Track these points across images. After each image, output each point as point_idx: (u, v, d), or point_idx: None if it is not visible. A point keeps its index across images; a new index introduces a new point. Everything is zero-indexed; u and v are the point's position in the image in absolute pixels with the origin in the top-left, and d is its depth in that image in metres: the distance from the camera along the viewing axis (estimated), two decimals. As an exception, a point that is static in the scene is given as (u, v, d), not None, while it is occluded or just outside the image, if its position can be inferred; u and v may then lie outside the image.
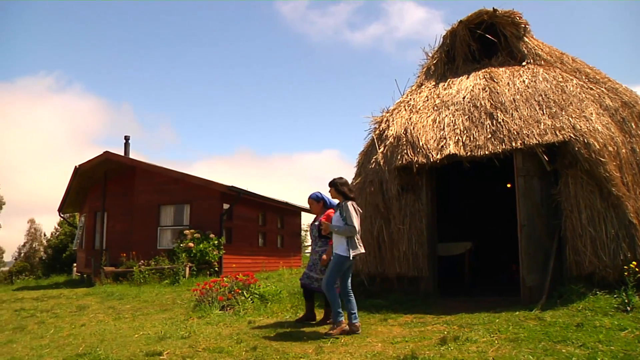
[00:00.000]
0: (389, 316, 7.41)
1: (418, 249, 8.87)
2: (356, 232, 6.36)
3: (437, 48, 11.49)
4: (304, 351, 5.51)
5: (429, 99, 10.24)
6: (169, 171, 17.90)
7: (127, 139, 20.13)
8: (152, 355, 5.63)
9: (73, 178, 19.34)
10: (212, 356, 5.49)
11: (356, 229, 6.33)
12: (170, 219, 17.76)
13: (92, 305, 11.07)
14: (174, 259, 15.30)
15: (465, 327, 6.34)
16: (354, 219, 6.32)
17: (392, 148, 9.40)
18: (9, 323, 9.41)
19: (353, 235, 6.36)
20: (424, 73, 11.34)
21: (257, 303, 8.73)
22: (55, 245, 37.80)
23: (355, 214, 6.39)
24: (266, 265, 19.12)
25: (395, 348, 5.50)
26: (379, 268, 9.13)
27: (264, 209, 20.19)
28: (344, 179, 6.70)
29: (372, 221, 9.30)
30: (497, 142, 8.38)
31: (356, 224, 6.33)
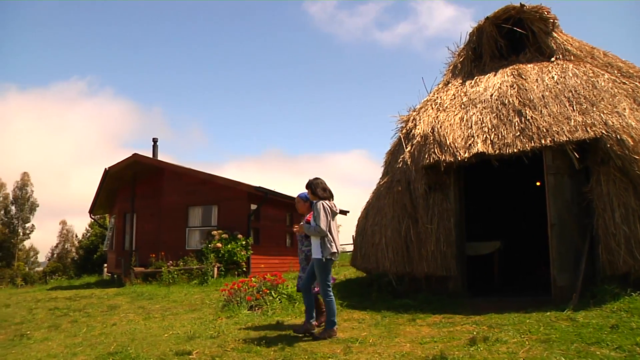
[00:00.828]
0: (417, 316, 7.36)
1: (446, 248, 8.79)
2: (324, 233, 6.22)
3: (464, 45, 11.38)
4: (332, 351, 5.51)
5: (456, 97, 10.14)
6: (197, 172, 18.05)
7: (155, 141, 20.38)
8: (182, 354, 5.69)
9: (103, 180, 19.66)
10: (241, 356, 5.52)
11: (323, 230, 6.20)
12: (198, 219, 17.91)
13: (122, 305, 11.23)
14: (202, 260, 15.43)
15: (495, 328, 6.26)
16: (322, 220, 6.22)
17: (419, 147, 9.33)
18: (44, 321, 9.65)
19: (323, 236, 6.25)
20: (451, 71, 11.24)
21: (285, 303, 8.75)
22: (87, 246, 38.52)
23: (324, 213, 6.28)
24: (293, 266, 19.13)
25: (423, 348, 5.46)
26: (407, 268, 9.07)
27: (291, 209, 20.20)
28: (319, 179, 6.61)
29: (399, 221, 9.25)
30: (526, 140, 8.25)
31: (323, 225, 6.20)
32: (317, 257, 6.30)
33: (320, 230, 6.20)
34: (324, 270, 6.30)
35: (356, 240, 10.93)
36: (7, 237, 60.53)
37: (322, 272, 6.31)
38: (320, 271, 6.32)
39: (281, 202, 18.77)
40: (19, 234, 62.65)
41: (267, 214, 18.19)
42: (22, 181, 64.71)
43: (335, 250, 6.24)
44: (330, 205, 6.42)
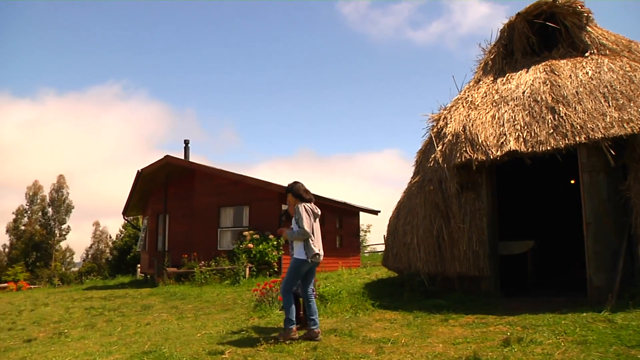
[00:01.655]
0: (450, 316, 7.29)
1: (479, 248, 8.68)
2: (308, 235, 6.24)
3: (495, 42, 11.22)
4: (364, 351, 5.49)
5: (488, 95, 10.01)
6: (228, 173, 18.20)
7: (186, 143, 20.63)
8: (215, 354, 5.74)
9: (136, 182, 19.97)
10: (273, 355, 5.55)
11: (307, 231, 6.22)
12: (229, 220, 18.06)
13: (156, 305, 11.41)
14: (234, 260, 15.56)
15: (529, 329, 6.16)
16: (305, 222, 6.24)
17: (451, 146, 9.24)
18: (80, 320, 9.87)
19: (307, 238, 6.26)
20: (482, 69, 11.10)
21: (317, 303, 8.74)
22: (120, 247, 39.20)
23: (306, 215, 6.31)
24: (325, 266, 19.13)
25: (456, 349, 5.41)
26: (439, 267, 8.99)
27: (322, 210, 20.16)
28: (298, 183, 6.63)
29: (431, 220, 9.18)
30: (560, 137, 8.10)
31: (306, 226, 6.22)
32: (300, 257, 6.31)
33: (304, 233, 6.23)
34: (298, 271, 6.33)
35: (387, 240, 10.88)
36: (45, 238, 62.03)
37: (296, 272, 6.34)
38: (294, 270, 6.34)
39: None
40: (56, 235, 64.13)
41: (298, 214, 18.20)
42: (58, 183, 66.24)
43: (317, 251, 6.29)
44: (312, 207, 6.47)
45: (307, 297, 6.46)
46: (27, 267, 55.02)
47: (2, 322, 10.68)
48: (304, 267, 6.33)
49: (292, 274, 6.36)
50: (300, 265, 6.31)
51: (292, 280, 6.37)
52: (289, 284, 6.37)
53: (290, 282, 6.37)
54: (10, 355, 6.75)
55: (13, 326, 9.94)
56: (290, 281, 6.37)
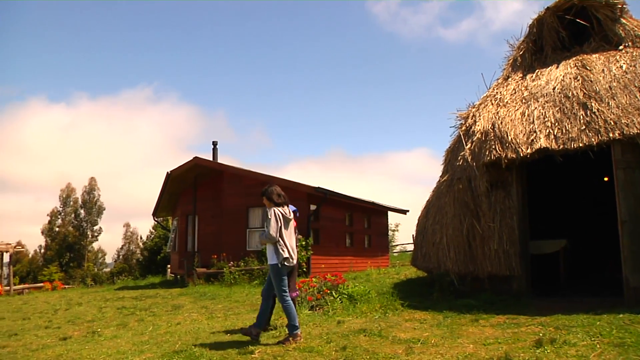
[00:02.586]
0: (480, 316, 7.20)
1: (509, 247, 8.55)
2: (274, 239, 6.33)
3: (523, 38, 11.03)
4: (394, 352, 5.45)
5: (517, 92, 9.86)
6: (256, 174, 18.29)
7: (214, 144, 20.80)
8: (245, 353, 5.76)
9: (165, 183, 20.22)
10: (302, 355, 5.54)
11: (272, 235, 6.30)
12: (258, 221, 18.11)
13: (186, 305, 11.52)
14: (262, 260, 15.60)
15: (562, 329, 6.04)
16: (272, 226, 6.32)
17: (480, 144, 9.13)
18: (113, 320, 10.03)
19: (275, 242, 6.35)
20: (510, 65, 10.93)
21: (346, 303, 8.74)
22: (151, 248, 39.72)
23: (275, 220, 6.38)
24: (354, 266, 19.13)
25: (487, 350, 5.34)
26: (469, 267, 8.89)
27: (351, 210, 20.20)
28: (272, 187, 6.78)
29: (461, 219, 9.08)
30: (592, 134, 7.92)
31: (272, 231, 6.30)
32: (272, 262, 6.43)
33: (270, 237, 6.32)
34: (279, 276, 6.40)
35: (416, 239, 10.81)
36: (78, 239, 63.28)
37: (277, 277, 6.41)
38: (274, 276, 6.43)
39: (341, 202, 18.78)
40: (88, 236, 65.38)
41: (327, 214, 18.23)
42: (89, 186, 67.57)
43: (287, 255, 6.36)
44: (283, 211, 6.56)
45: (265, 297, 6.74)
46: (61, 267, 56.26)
47: (39, 321, 10.92)
48: (282, 270, 6.41)
49: (276, 280, 6.45)
50: (277, 270, 6.41)
51: (280, 285, 6.44)
52: (279, 290, 6.45)
53: (279, 288, 6.45)
54: (48, 352, 6.89)
55: (49, 324, 10.16)
56: (279, 287, 6.45)
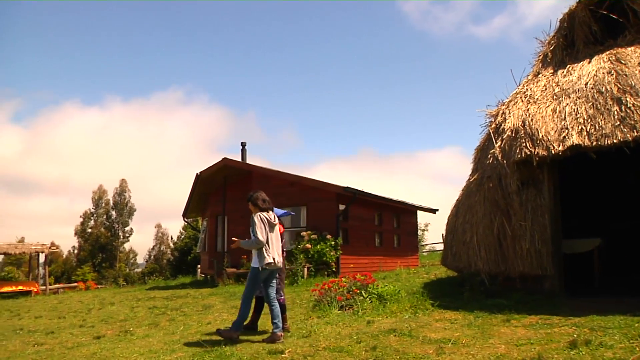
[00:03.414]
0: (512, 317, 7.09)
1: (541, 246, 8.41)
2: (261, 244, 6.50)
3: (554, 33, 10.83)
4: (424, 352, 5.42)
5: (547, 88, 9.69)
6: (285, 174, 18.37)
7: (243, 145, 20.95)
8: (275, 353, 5.78)
9: (195, 184, 20.44)
10: (332, 355, 5.55)
11: (260, 240, 6.47)
12: (287, 221, 18.16)
13: (216, 305, 11.63)
14: (292, 260, 15.66)
15: (598, 331, 5.90)
16: (258, 231, 6.48)
17: (510, 141, 9.00)
18: (145, 319, 10.18)
19: (260, 247, 6.52)
20: (540, 61, 10.74)
21: (376, 303, 8.72)
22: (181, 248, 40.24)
23: (261, 225, 6.54)
24: (383, 265, 19.06)
25: (520, 350, 5.26)
26: (500, 266, 8.78)
27: (380, 209, 20.14)
28: (257, 192, 6.90)
29: (491, 218, 8.97)
30: (627, 130, 7.74)
31: (260, 236, 6.47)
32: (254, 266, 6.63)
33: (258, 242, 6.50)
34: (255, 279, 6.65)
35: (446, 238, 10.72)
36: (109, 240, 64.41)
37: (252, 280, 6.67)
38: (251, 278, 6.70)
39: (370, 201, 18.74)
40: (120, 237, 66.50)
41: (356, 214, 18.21)
42: (120, 187, 68.78)
43: (270, 260, 6.54)
44: (268, 216, 6.71)
45: (269, 302, 6.81)
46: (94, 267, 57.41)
47: (73, 320, 11.16)
48: (261, 275, 6.62)
49: (250, 282, 6.72)
50: (256, 274, 6.63)
51: (251, 289, 6.72)
52: (248, 291, 6.73)
53: (250, 290, 6.73)
54: (83, 350, 7.03)
55: (84, 323, 10.37)
56: (249, 289, 6.73)
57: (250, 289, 6.74)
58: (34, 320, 11.77)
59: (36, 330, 9.86)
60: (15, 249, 25.20)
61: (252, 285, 6.71)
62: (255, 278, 6.67)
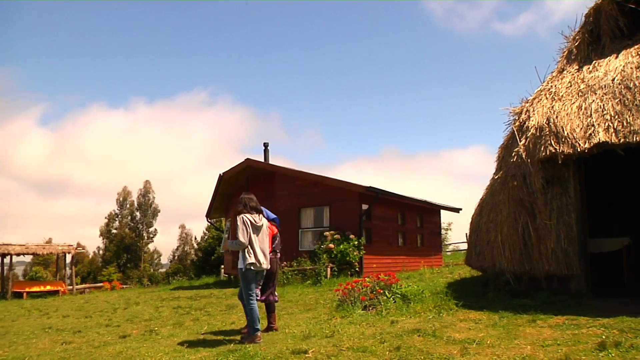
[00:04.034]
0: (538, 317, 6.99)
1: (567, 245, 8.28)
2: (244, 245, 6.73)
3: (579, 28, 10.64)
4: (449, 352, 5.37)
5: (572, 85, 9.54)
6: (308, 174, 18.39)
7: (266, 145, 21.01)
8: (298, 353, 5.78)
9: (218, 185, 20.57)
10: (356, 355, 5.53)
11: (242, 242, 6.71)
12: (310, 221, 18.22)
13: (239, 305, 11.62)
14: (315, 260, 15.69)
15: (628, 332, 5.77)
16: (240, 233, 6.72)
17: (534, 139, 8.88)
18: (169, 319, 10.27)
19: (243, 248, 6.75)
20: (565, 57, 10.57)
21: (399, 303, 8.67)
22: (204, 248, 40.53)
23: (244, 227, 6.76)
24: (406, 265, 18.97)
25: (546, 351, 5.18)
26: (525, 266, 8.66)
27: (403, 208, 20.05)
28: (244, 195, 7.13)
29: (515, 217, 8.85)
30: (656, 126, 7.57)
31: (241, 237, 6.71)
32: (239, 267, 6.89)
33: (240, 243, 6.73)
34: (245, 279, 6.85)
35: (470, 238, 10.62)
36: (134, 241, 65.15)
37: (243, 280, 6.89)
38: (241, 279, 6.94)
39: (393, 201, 18.67)
40: (144, 238, 67.21)
41: (379, 213, 18.15)
42: (144, 188, 69.57)
43: (253, 260, 6.74)
44: (252, 218, 6.90)
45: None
46: (119, 268, 58.18)
47: (100, 319, 11.30)
48: (248, 274, 6.83)
49: (243, 283, 6.95)
50: (244, 274, 6.85)
51: (247, 288, 6.88)
52: (245, 292, 6.90)
53: (246, 290, 6.89)
54: (109, 349, 7.12)
55: (109, 323, 10.50)
56: (245, 290, 6.90)
57: (246, 290, 6.89)
58: (62, 319, 11.95)
59: (64, 329, 10.01)
60: (43, 250, 25.66)
61: (246, 285, 6.89)
62: (245, 278, 6.86)
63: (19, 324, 11.59)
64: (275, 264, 7.70)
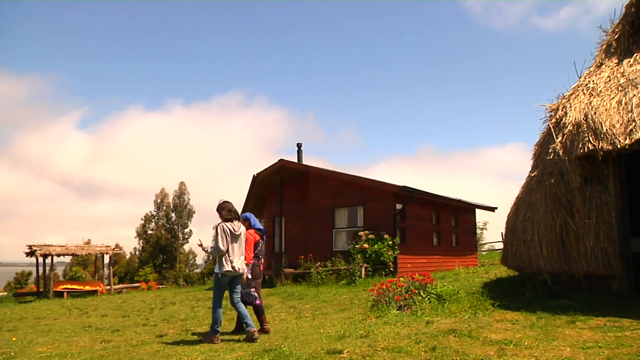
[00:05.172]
0: (577, 318, 6.83)
1: (608, 244, 8.06)
2: (221, 252, 7.11)
3: (619, 21, 10.32)
4: (485, 353, 5.29)
5: (612, 79, 9.29)
6: (341, 174, 18.36)
7: (299, 146, 21.05)
8: (333, 353, 5.77)
9: (252, 186, 20.70)
10: (392, 356, 5.49)
11: (219, 249, 7.08)
12: (344, 221, 18.18)
13: (274, 305, 11.73)
14: (349, 260, 15.65)
15: (675, 335, 5.59)
16: (219, 241, 7.09)
17: (572, 136, 8.68)
18: (205, 319, 10.39)
19: (220, 255, 7.13)
20: (604, 51, 10.29)
21: (435, 303, 8.59)
22: (240, 249, 40.83)
23: (222, 235, 7.13)
24: (441, 265, 18.78)
25: (587, 354, 5.05)
26: (563, 265, 8.47)
27: (438, 208, 19.85)
28: (225, 202, 7.46)
29: (553, 216, 8.67)
30: (700, 121, 7.32)
31: (220, 245, 7.08)
32: (215, 271, 7.33)
33: (218, 250, 7.12)
34: (218, 283, 7.31)
35: (506, 237, 10.45)
36: (170, 242, 66.05)
37: (216, 284, 7.35)
38: (214, 283, 7.40)
39: (427, 200, 18.51)
40: (179, 239, 68.08)
41: (413, 213, 18.01)
42: (179, 190, 70.52)
43: (229, 268, 7.14)
44: (230, 227, 7.25)
45: (234, 305, 7.43)
46: (155, 268, 59.10)
47: (137, 318, 11.49)
48: (222, 280, 7.26)
49: (215, 286, 7.41)
50: (218, 279, 7.29)
51: (217, 293, 7.33)
52: (214, 295, 7.33)
53: (216, 294, 7.33)
54: (146, 348, 7.22)
55: (147, 322, 10.66)
56: (215, 294, 7.34)
57: (215, 293, 7.33)
58: (101, 318, 12.19)
59: (103, 327, 10.20)
60: (82, 251, 26.23)
61: (216, 289, 7.34)
62: (218, 282, 7.30)
63: (60, 322, 11.86)
64: (258, 268, 8.03)
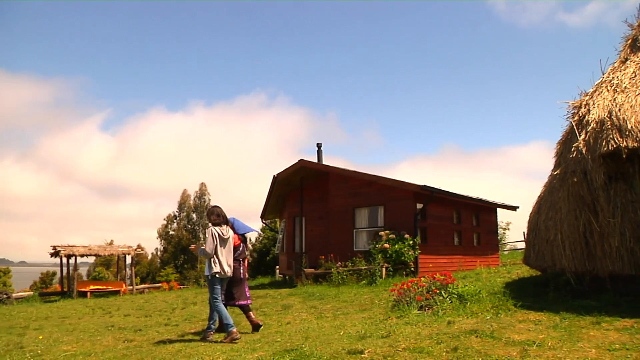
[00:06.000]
0: (602, 319, 6.73)
1: (634, 244, 7.91)
2: (208, 255, 7.49)
3: (645, 15, 10.17)
4: (508, 354, 5.23)
5: (637, 75, 9.13)
6: (362, 174, 18.31)
7: (319, 146, 21.04)
8: (354, 353, 5.75)
9: (272, 186, 20.75)
10: (413, 356, 5.46)
11: (208, 252, 7.46)
12: (364, 221, 18.14)
13: (295, 305, 11.74)
14: (370, 260, 15.61)
15: None
16: (208, 244, 7.47)
17: (595, 134, 8.55)
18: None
19: (208, 257, 7.51)
20: (629, 46, 10.11)
21: (456, 303, 8.53)
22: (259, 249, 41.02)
23: (211, 239, 7.50)
24: (463, 265, 18.64)
25: (613, 356, 4.97)
26: (587, 265, 8.35)
27: (459, 207, 19.71)
28: (215, 207, 7.84)
29: (576, 215, 8.55)
30: None
31: (208, 248, 7.46)
32: (206, 274, 7.70)
33: (206, 253, 7.49)
34: (211, 285, 7.65)
35: (528, 237, 10.34)
36: (191, 242, 66.49)
37: (210, 286, 7.70)
38: (208, 285, 7.77)
39: (448, 200, 18.39)
40: (200, 239, 68.51)
41: (434, 212, 17.90)
42: (200, 191, 71.00)
43: (218, 269, 7.51)
44: (219, 230, 7.62)
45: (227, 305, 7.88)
46: (176, 268, 59.58)
47: (159, 318, 11.59)
48: (214, 281, 7.59)
49: (209, 288, 7.75)
50: (210, 280, 7.63)
51: (213, 293, 7.64)
52: (212, 296, 7.66)
53: (211, 294, 7.68)
54: (168, 347, 7.28)
55: (168, 322, 10.75)
56: (210, 293, 7.71)
57: (211, 293, 7.66)
58: (123, 318, 12.33)
59: (125, 327, 10.31)
60: (105, 251, 26.54)
61: (212, 289, 7.65)
62: (211, 283, 7.62)
63: (84, 321, 12.02)
64: (238, 271, 8.18)
